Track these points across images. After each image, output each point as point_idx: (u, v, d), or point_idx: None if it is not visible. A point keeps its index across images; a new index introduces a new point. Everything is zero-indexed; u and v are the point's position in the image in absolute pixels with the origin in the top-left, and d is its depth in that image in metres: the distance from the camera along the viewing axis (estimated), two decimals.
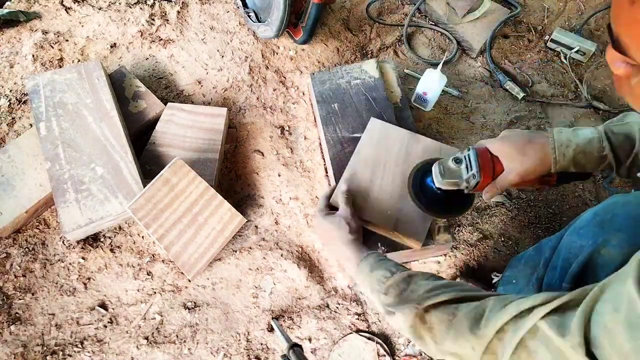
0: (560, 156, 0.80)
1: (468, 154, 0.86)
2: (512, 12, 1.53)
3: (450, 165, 0.86)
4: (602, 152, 0.79)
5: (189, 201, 1.11)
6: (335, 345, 1.07)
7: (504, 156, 0.84)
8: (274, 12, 1.27)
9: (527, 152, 0.82)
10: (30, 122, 1.30)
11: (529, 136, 0.84)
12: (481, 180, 0.84)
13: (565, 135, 0.81)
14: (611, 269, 0.61)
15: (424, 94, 1.29)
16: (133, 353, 1.05)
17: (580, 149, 0.79)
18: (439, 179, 0.87)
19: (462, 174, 0.86)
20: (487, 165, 0.84)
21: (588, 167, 0.81)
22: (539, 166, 0.82)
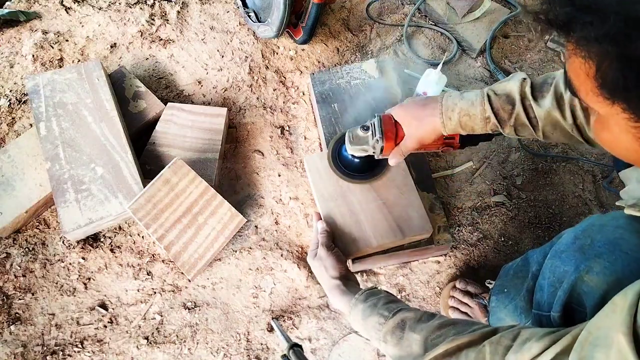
0: (447, 120, 0.84)
1: (374, 121, 0.92)
2: (512, 12, 1.53)
3: (359, 133, 0.93)
4: (485, 114, 0.82)
5: (189, 201, 1.11)
6: (335, 345, 1.07)
7: (403, 122, 0.89)
8: (274, 12, 1.27)
9: (421, 117, 0.86)
10: (30, 122, 1.30)
11: (423, 103, 0.88)
12: (385, 144, 0.90)
13: (451, 99, 0.84)
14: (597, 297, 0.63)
15: (424, 94, 1.29)
16: (133, 353, 1.05)
17: (465, 112, 0.82)
18: (350, 147, 0.94)
19: (369, 140, 0.92)
20: (390, 130, 0.90)
21: (476, 128, 0.84)
22: (432, 131, 0.86)
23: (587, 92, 0.47)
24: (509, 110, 0.81)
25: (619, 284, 0.62)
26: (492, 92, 0.83)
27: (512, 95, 0.81)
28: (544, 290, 0.74)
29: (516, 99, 0.81)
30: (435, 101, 0.87)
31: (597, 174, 1.29)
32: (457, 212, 1.23)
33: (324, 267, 0.90)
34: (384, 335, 0.72)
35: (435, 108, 0.85)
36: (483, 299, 1.07)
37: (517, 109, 0.80)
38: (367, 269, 1.15)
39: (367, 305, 0.77)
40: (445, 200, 1.24)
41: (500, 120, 0.82)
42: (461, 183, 1.27)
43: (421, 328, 0.68)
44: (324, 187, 1.06)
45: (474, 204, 1.25)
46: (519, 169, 1.30)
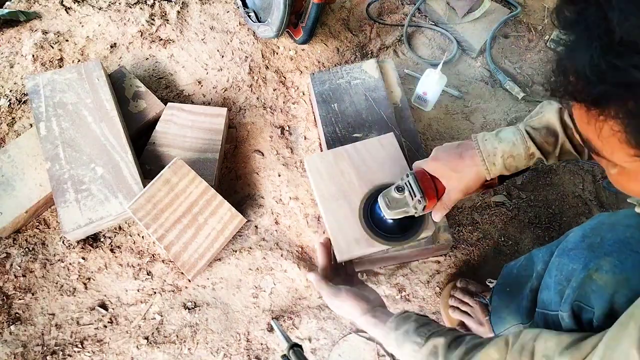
0: (491, 166, 0.81)
1: (408, 180, 0.86)
2: (512, 12, 1.53)
3: (395, 195, 0.87)
4: (529, 152, 0.80)
5: (189, 201, 1.11)
6: (335, 345, 1.07)
7: (441, 176, 0.85)
8: (274, 12, 1.27)
9: (461, 169, 0.83)
10: (30, 122, 1.30)
11: (458, 152, 0.84)
12: (427, 203, 0.85)
13: (490, 143, 0.81)
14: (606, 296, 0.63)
15: (424, 94, 1.29)
16: (133, 353, 1.05)
17: (508, 154, 0.80)
18: (388, 212, 0.87)
19: (408, 202, 0.86)
20: (429, 187, 0.85)
21: (520, 166, 0.82)
22: (476, 179, 0.83)
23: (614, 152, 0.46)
24: (553, 142, 0.79)
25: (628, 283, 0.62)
26: (530, 128, 0.81)
27: (552, 127, 0.80)
28: (551, 288, 0.74)
29: (558, 129, 0.79)
30: (471, 148, 0.83)
31: (597, 174, 1.29)
32: (457, 212, 1.23)
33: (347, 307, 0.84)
34: None
35: (474, 156, 0.82)
36: (484, 297, 1.07)
37: (562, 140, 0.79)
38: (367, 269, 1.15)
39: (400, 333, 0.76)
40: None
41: (545, 153, 0.80)
42: None
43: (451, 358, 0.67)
44: (325, 187, 1.05)
45: (474, 204, 1.25)
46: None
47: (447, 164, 0.84)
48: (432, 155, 0.88)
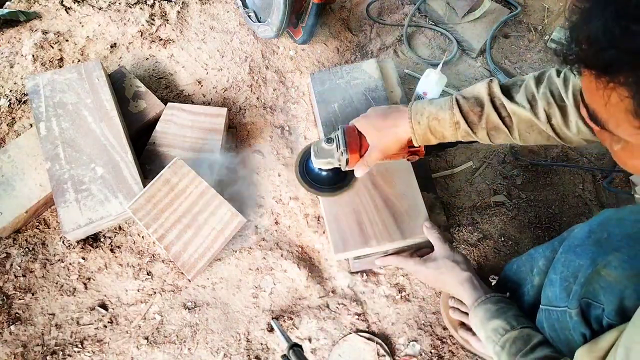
0: (416, 124, 0.83)
1: (337, 133, 0.92)
2: (512, 12, 1.53)
3: (324, 146, 0.93)
4: (453, 118, 0.81)
5: (189, 201, 1.11)
6: (335, 345, 1.07)
7: (365, 133, 0.89)
8: (274, 12, 1.27)
9: (382, 128, 0.86)
10: (30, 122, 1.30)
11: (384, 112, 0.88)
12: (349, 156, 0.90)
13: (420, 104, 0.84)
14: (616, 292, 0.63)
15: (424, 94, 1.29)
16: (133, 353, 1.05)
17: (433, 116, 0.82)
18: (315, 160, 0.94)
19: (333, 153, 0.92)
20: (354, 142, 0.90)
21: (447, 135, 0.84)
22: (395, 140, 0.86)
23: (620, 123, 0.46)
24: (479, 112, 0.80)
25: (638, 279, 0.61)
26: (460, 96, 0.83)
27: (480, 96, 0.81)
28: (556, 284, 0.73)
29: (485, 99, 0.80)
30: (397, 110, 0.86)
31: (597, 174, 1.29)
32: (457, 212, 1.23)
33: (453, 262, 0.91)
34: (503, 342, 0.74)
35: (398, 118, 0.85)
36: None
37: (487, 110, 0.80)
38: (367, 269, 1.15)
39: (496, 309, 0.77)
40: (445, 200, 1.24)
41: (471, 123, 0.81)
42: (461, 183, 1.27)
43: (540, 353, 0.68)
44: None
45: (474, 204, 1.25)
46: (519, 169, 1.30)
47: (372, 123, 0.88)
48: (364, 113, 0.92)
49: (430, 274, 0.95)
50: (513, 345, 0.73)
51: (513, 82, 0.81)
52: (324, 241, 1.18)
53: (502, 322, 0.76)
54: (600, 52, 0.42)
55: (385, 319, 1.10)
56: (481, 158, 1.31)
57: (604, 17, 0.41)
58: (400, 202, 1.04)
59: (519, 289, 0.89)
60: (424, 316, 1.11)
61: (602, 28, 0.41)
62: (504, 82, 0.82)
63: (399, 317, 1.10)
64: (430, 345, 1.07)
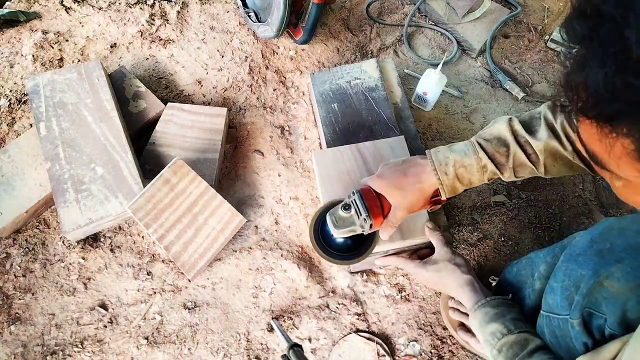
0: (443, 175, 0.80)
1: (354, 198, 0.86)
2: (512, 12, 1.53)
3: (341, 214, 0.86)
4: (480, 163, 0.80)
5: (189, 201, 1.11)
6: (335, 345, 1.07)
7: (386, 194, 0.85)
8: (274, 12, 1.27)
9: (404, 186, 0.83)
10: (30, 122, 1.30)
11: (402, 169, 0.85)
12: (373, 221, 0.85)
13: (441, 153, 0.81)
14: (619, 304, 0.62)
15: (424, 94, 1.29)
16: (133, 353, 1.05)
17: (460, 163, 0.80)
18: (335, 230, 0.87)
19: (354, 220, 0.86)
20: (375, 205, 0.85)
21: (474, 180, 0.82)
22: (420, 196, 0.83)
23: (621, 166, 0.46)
24: (505, 152, 0.80)
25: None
26: (481, 139, 0.81)
27: (503, 136, 0.80)
28: (557, 292, 0.73)
29: (509, 139, 0.79)
30: (416, 164, 0.84)
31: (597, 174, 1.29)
32: (457, 212, 1.23)
33: (454, 265, 0.90)
34: (500, 346, 0.73)
35: (420, 172, 0.82)
36: None
37: (513, 149, 0.79)
38: (367, 268, 1.15)
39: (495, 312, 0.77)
40: None
41: (498, 164, 0.80)
42: None
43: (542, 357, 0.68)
44: (330, 184, 1.06)
45: (474, 204, 1.25)
46: None
47: (391, 182, 0.84)
48: (377, 172, 0.88)
49: (431, 277, 0.95)
50: (510, 349, 0.73)
51: (531, 117, 0.80)
52: None
53: (499, 326, 0.76)
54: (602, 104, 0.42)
55: (385, 319, 1.10)
56: None
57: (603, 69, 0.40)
58: None
59: (519, 293, 0.89)
60: (424, 316, 1.11)
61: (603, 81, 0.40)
62: (521, 117, 0.81)
63: (399, 317, 1.10)
64: (430, 345, 1.07)
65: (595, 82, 0.41)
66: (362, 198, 0.85)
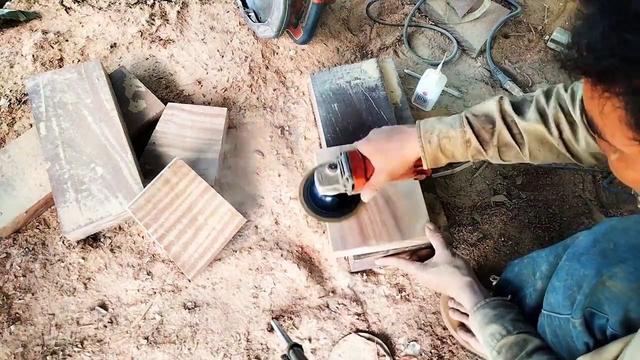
0: (427, 144, 0.81)
1: (341, 159, 0.89)
2: (512, 12, 1.53)
3: (327, 172, 0.90)
4: (465, 136, 0.80)
5: (189, 201, 1.11)
6: (335, 345, 1.07)
7: (370, 157, 0.87)
8: (274, 12, 1.27)
9: (388, 150, 0.85)
10: (30, 122, 1.30)
11: (388, 134, 0.86)
12: (355, 181, 0.87)
13: (429, 123, 0.82)
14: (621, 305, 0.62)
15: (424, 94, 1.29)
16: (133, 353, 1.05)
17: (444, 134, 0.80)
18: (320, 187, 0.91)
19: (338, 179, 0.89)
20: (359, 167, 0.87)
21: (457, 153, 0.82)
22: (402, 162, 0.84)
23: (615, 133, 0.46)
24: (490, 129, 0.80)
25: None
26: (470, 114, 0.82)
27: (491, 113, 0.80)
28: (559, 291, 0.73)
29: (496, 116, 0.80)
30: (402, 131, 0.85)
31: (597, 174, 1.29)
32: (457, 212, 1.23)
33: (455, 268, 0.90)
34: (500, 347, 0.74)
35: (404, 139, 0.83)
36: None
37: (499, 127, 0.79)
38: (367, 268, 1.15)
39: (495, 313, 0.77)
40: (445, 200, 1.24)
41: (482, 141, 0.80)
42: (461, 183, 1.27)
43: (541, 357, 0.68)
44: None
45: (474, 204, 1.25)
46: (519, 169, 1.30)
47: (377, 146, 0.86)
48: (366, 136, 0.90)
49: (431, 279, 0.95)
50: (509, 350, 0.73)
51: (523, 99, 0.81)
52: (324, 241, 1.18)
53: (498, 327, 0.76)
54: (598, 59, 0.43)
55: (385, 319, 1.10)
56: None
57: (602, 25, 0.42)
58: (401, 202, 1.04)
59: (520, 292, 0.89)
60: (424, 316, 1.11)
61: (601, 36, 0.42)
62: (514, 98, 0.82)
63: (399, 317, 1.10)
64: (430, 345, 1.07)
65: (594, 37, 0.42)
66: (348, 159, 0.88)
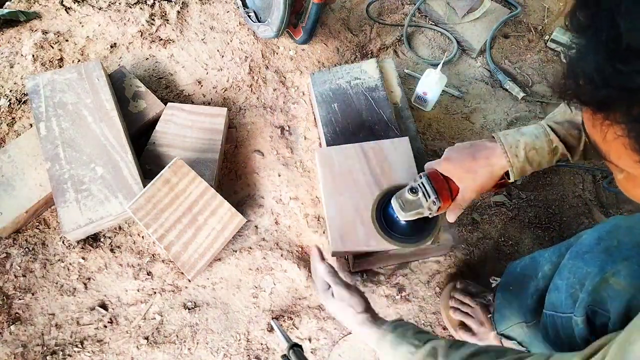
0: (514, 158, 0.80)
1: (421, 181, 0.86)
2: (512, 12, 1.53)
3: (408, 197, 0.87)
4: (552, 145, 0.80)
5: (189, 201, 1.11)
6: (335, 345, 1.07)
7: (454, 177, 0.85)
8: (274, 12, 1.27)
9: (474, 169, 0.83)
10: (30, 122, 1.30)
11: (472, 152, 0.85)
12: (442, 204, 0.85)
13: (512, 137, 0.81)
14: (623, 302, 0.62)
15: (424, 94, 1.29)
16: (133, 353, 1.05)
17: (530, 146, 0.80)
18: (402, 214, 0.88)
19: (422, 203, 0.86)
20: (443, 188, 0.85)
21: (543, 162, 0.82)
22: (490, 178, 0.83)
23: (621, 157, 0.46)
24: (577, 135, 0.79)
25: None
26: (552, 122, 0.81)
27: (576, 120, 0.79)
28: (562, 290, 0.73)
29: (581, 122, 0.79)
30: (485, 147, 0.84)
31: (597, 174, 1.29)
32: None
33: (349, 306, 0.85)
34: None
35: (490, 155, 0.82)
36: (484, 297, 1.07)
37: None
38: (367, 268, 1.15)
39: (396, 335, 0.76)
40: None
41: (570, 147, 0.80)
42: None
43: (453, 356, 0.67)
44: (332, 181, 1.06)
45: (474, 204, 1.25)
46: None
47: (461, 165, 0.85)
48: (444, 156, 0.88)
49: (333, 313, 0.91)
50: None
51: None
52: (324, 241, 1.18)
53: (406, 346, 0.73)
54: (595, 90, 0.43)
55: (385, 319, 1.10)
56: None
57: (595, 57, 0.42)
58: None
59: (522, 293, 0.89)
60: (424, 316, 1.11)
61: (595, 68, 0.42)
62: None
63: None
64: None
65: (589, 69, 0.43)
66: (430, 181, 0.86)
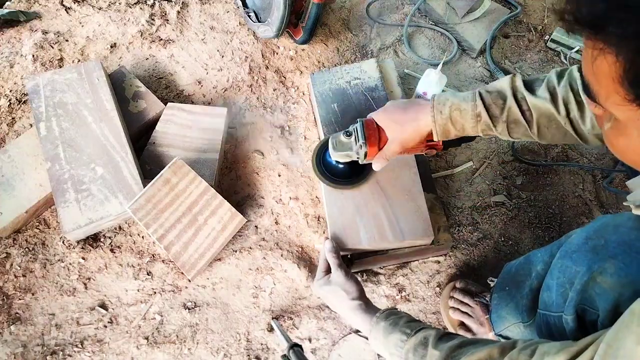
0: (437, 114, 0.83)
1: (356, 126, 0.93)
2: (512, 12, 1.53)
3: (342, 139, 0.94)
4: (476, 110, 0.82)
5: (189, 201, 1.11)
6: (335, 345, 1.07)
7: (385, 127, 0.90)
8: (274, 12, 1.27)
9: (403, 121, 0.87)
10: (30, 122, 1.30)
11: (404, 106, 0.89)
12: (368, 149, 0.90)
13: (443, 96, 0.85)
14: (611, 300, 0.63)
15: (424, 93, 1.29)
16: (133, 353, 1.05)
17: (456, 106, 0.83)
18: (333, 153, 0.95)
19: (352, 146, 0.93)
20: (373, 135, 0.90)
21: (467, 127, 0.84)
22: (416, 132, 0.87)
23: (609, 95, 0.47)
24: (501, 104, 0.81)
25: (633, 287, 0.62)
26: (483, 90, 0.83)
27: (503, 89, 0.82)
28: (552, 290, 0.74)
29: (507, 92, 0.81)
30: (418, 104, 0.87)
31: (597, 174, 1.29)
32: (457, 212, 1.23)
33: (343, 291, 0.87)
34: (405, 353, 0.72)
35: (419, 111, 0.85)
36: (484, 297, 1.07)
37: (509, 103, 0.80)
38: (367, 268, 1.15)
39: (389, 323, 0.76)
40: (445, 200, 1.24)
41: (492, 116, 0.82)
42: (461, 183, 1.27)
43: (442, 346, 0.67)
44: None
45: (474, 204, 1.25)
46: (519, 169, 1.30)
47: (392, 116, 0.89)
48: (383, 107, 0.92)
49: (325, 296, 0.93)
50: (416, 352, 0.71)
51: (536, 78, 0.82)
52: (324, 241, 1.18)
53: (398, 334, 0.74)
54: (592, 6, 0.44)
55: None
56: (481, 158, 1.31)
57: None
58: (402, 202, 1.04)
59: (517, 293, 0.89)
60: (424, 316, 1.11)
61: None
62: (527, 77, 0.83)
63: None
64: None
65: None
66: (363, 127, 0.91)
